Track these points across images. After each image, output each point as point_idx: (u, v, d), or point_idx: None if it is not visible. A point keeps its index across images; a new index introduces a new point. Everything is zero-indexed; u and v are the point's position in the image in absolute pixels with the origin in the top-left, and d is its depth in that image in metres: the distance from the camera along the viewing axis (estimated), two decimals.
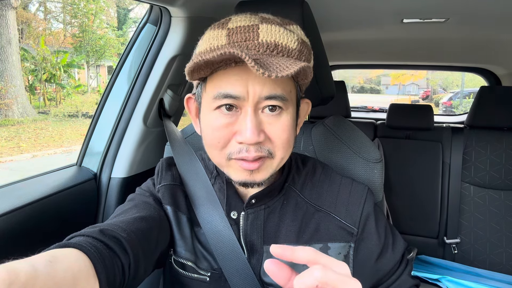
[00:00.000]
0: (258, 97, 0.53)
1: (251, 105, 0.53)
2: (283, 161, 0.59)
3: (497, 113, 1.81)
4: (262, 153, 0.55)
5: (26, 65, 11.31)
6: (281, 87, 0.54)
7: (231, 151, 0.55)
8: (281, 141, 0.56)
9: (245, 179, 0.57)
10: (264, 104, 0.54)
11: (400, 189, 1.94)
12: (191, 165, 0.73)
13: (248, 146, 0.54)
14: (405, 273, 0.65)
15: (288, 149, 0.58)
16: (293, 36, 0.55)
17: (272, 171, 0.58)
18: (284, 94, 0.54)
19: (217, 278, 0.65)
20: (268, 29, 0.54)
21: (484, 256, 1.78)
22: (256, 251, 0.64)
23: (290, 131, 0.57)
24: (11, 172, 6.14)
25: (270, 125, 0.55)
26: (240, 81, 0.53)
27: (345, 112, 2.13)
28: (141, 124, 1.09)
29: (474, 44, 1.76)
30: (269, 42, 0.53)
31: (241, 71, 0.53)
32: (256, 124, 0.53)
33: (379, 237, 0.64)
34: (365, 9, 1.18)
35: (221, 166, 0.60)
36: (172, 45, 1.06)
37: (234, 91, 0.53)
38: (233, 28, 0.55)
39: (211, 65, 0.52)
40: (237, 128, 0.54)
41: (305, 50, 0.57)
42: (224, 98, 0.53)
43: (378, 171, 0.81)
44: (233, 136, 0.55)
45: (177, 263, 0.68)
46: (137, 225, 0.57)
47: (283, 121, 0.55)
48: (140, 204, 0.64)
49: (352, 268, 0.65)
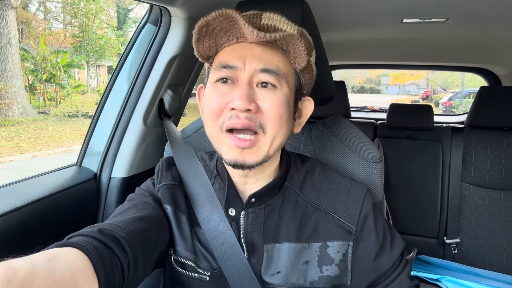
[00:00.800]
0: (254, 69, 0.56)
1: (246, 76, 0.57)
2: (275, 141, 0.58)
3: (497, 113, 1.81)
4: (252, 123, 0.56)
5: (26, 65, 11.31)
6: (276, 64, 0.57)
7: (224, 119, 0.57)
8: (273, 115, 0.57)
9: (236, 158, 0.58)
10: (258, 78, 0.57)
11: (400, 189, 1.94)
12: (191, 165, 0.73)
13: (238, 112, 0.56)
14: (404, 273, 0.65)
15: (279, 129, 0.58)
16: (294, 26, 0.57)
17: (264, 152, 0.58)
18: (278, 70, 0.57)
19: (217, 277, 0.65)
20: (270, 16, 0.59)
21: (484, 256, 1.78)
22: (256, 250, 0.64)
23: (283, 108, 0.58)
24: (11, 172, 6.14)
25: (263, 98, 0.57)
26: (239, 54, 0.57)
27: (345, 112, 2.13)
28: (141, 124, 1.09)
29: (474, 44, 1.76)
30: (270, 25, 0.58)
31: (242, 47, 0.58)
32: (248, 93, 0.56)
33: (377, 236, 0.64)
34: (365, 9, 1.18)
35: (215, 141, 0.61)
36: (172, 45, 1.06)
37: (232, 62, 0.57)
38: (243, 14, 0.59)
39: (215, 38, 0.58)
40: (231, 97, 0.57)
41: (305, 41, 0.58)
42: (223, 69, 0.58)
43: (378, 171, 0.81)
44: (227, 104, 0.57)
45: (177, 263, 0.68)
46: (136, 225, 0.57)
47: (276, 97, 0.57)
48: (139, 204, 0.65)
49: (351, 267, 0.65)
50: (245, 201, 0.65)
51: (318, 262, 0.63)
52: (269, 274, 0.64)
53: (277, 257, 0.64)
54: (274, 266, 0.63)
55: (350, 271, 0.65)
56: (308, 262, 0.64)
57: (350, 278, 0.65)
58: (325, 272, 0.63)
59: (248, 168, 0.58)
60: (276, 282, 0.63)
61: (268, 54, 0.57)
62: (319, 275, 0.63)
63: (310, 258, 0.64)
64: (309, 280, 0.63)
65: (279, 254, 0.63)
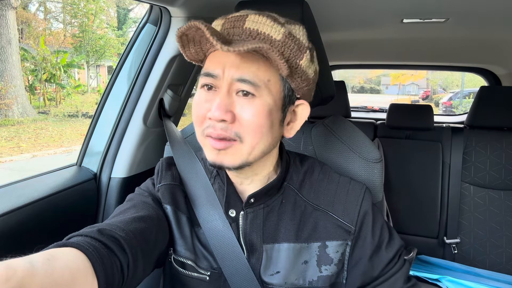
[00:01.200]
0: (231, 78, 0.56)
1: (225, 84, 0.56)
2: (255, 150, 0.58)
3: (497, 113, 1.81)
4: (227, 134, 0.56)
5: (26, 65, 11.31)
6: (254, 73, 0.56)
7: (204, 127, 0.58)
8: (251, 125, 0.56)
9: (214, 159, 0.58)
10: (236, 87, 0.56)
11: (400, 189, 1.94)
12: (190, 165, 0.73)
13: (215, 122, 0.56)
14: (399, 273, 0.64)
15: (260, 137, 0.57)
16: (280, 28, 0.56)
17: (243, 158, 0.58)
18: (256, 80, 0.55)
19: (216, 277, 0.65)
20: (254, 18, 0.57)
21: (484, 256, 1.78)
22: (255, 250, 0.64)
23: (263, 118, 0.56)
24: (11, 172, 6.13)
25: (241, 107, 0.56)
26: (219, 63, 0.57)
27: (345, 112, 2.13)
28: (141, 124, 1.09)
29: (474, 44, 1.76)
30: (252, 30, 0.56)
31: (223, 54, 0.57)
32: (225, 103, 0.55)
33: (374, 235, 0.64)
34: (365, 9, 1.18)
35: (202, 144, 0.61)
36: (172, 45, 1.06)
37: (213, 70, 0.57)
38: (229, 18, 0.59)
39: (200, 44, 0.58)
40: (211, 105, 0.57)
41: (292, 45, 0.57)
42: (206, 76, 0.58)
43: (378, 171, 0.81)
44: (207, 113, 0.57)
45: (177, 262, 0.68)
46: (135, 224, 0.57)
47: (254, 106, 0.56)
48: (138, 204, 0.65)
49: (347, 266, 0.65)
50: (244, 201, 0.65)
51: (317, 262, 0.63)
52: (268, 274, 0.64)
53: (276, 257, 0.64)
54: (273, 266, 0.63)
55: (346, 270, 0.65)
56: (307, 262, 0.64)
57: (346, 277, 0.65)
58: (324, 272, 0.63)
59: (227, 169, 0.59)
60: (275, 282, 0.63)
61: (247, 62, 0.55)
62: (318, 275, 0.63)
63: (309, 258, 0.64)
64: (308, 280, 0.63)
65: (278, 254, 0.64)
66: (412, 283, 0.65)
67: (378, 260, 0.64)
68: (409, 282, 0.65)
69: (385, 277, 0.64)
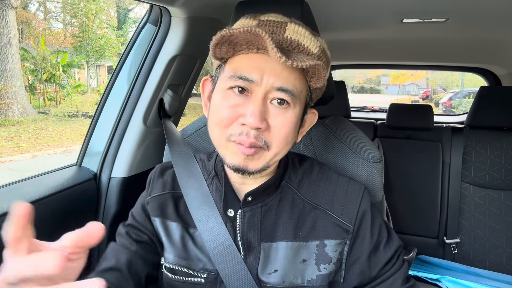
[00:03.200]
0: (271, 86, 0.55)
1: (262, 91, 0.55)
2: (277, 156, 0.59)
3: (497, 113, 1.81)
4: (258, 142, 0.56)
5: (26, 65, 11.30)
6: (293, 84, 0.56)
7: (232, 132, 0.57)
8: (280, 134, 0.57)
9: (239, 163, 0.58)
10: (273, 95, 0.56)
11: (400, 189, 1.94)
12: (188, 166, 0.73)
13: (249, 129, 0.55)
14: (398, 273, 0.64)
15: (284, 146, 0.59)
16: (317, 42, 0.58)
17: (265, 163, 0.59)
18: (295, 91, 0.56)
19: (213, 279, 0.66)
20: (295, 28, 0.58)
21: (484, 256, 1.78)
22: (253, 249, 0.64)
23: (292, 128, 0.58)
24: (11, 172, 6.13)
25: (274, 117, 0.56)
26: (257, 68, 0.55)
27: (345, 112, 2.13)
28: (141, 124, 1.09)
29: (474, 44, 1.76)
30: (293, 40, 0.57)
31: (261, 59, 0.56)
32: (262, 111, 0.55)
33: (373, 235, 0.64)
34: (365, 9, 1.18)
35: (219, 146, 0.61)
36: (172, 45, 1.06)
37: (249, 75, 0.55)
38: (264, 20, 0.59)
39: (235, 45, 0.56)
40: (243, 111, 0.56)
41: (324, 59, 0.59)
42: (238, 79, 0.56)
43: (378, 171, 0.81)
44: (238, 118, 0.56)
45: (168, 269, 0.69)
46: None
47: (288, 116, 0.57)
48: (116, 249, 0.68)
49: (345, 265, 0.65)
50: (242, 200, 0.65)
51: (316, 261, 0.63)
52: (266, 273, 0.64)
53: (274, 255, 0.64)
54: (271, 264, 0.63)
55: (344, 269, 0.65)
56: (306, 260, 0.64)
57: (343, 276, 0.65)
58: (323, 270, 0.63)
59: (248, 174, 0.59)
60: (273, 281, 0.63)
61: (287, 71, 0.56)
62: (317, 274, 0.63)
63: (308, 256, 0.64)
64: (307, 278, 0.63)
65: (276, 253, 0.64)
66: (411, 283, 0.65)
67: (376, 260, 0.64)
68: (408, 283, 0.65)
69: (383, 277, 0.64)
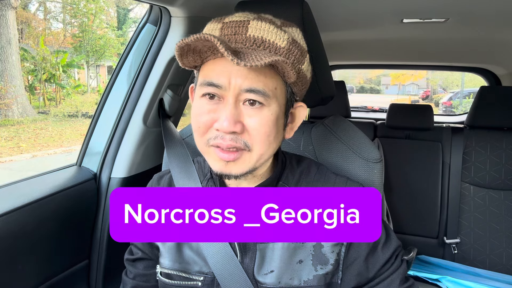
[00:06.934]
0: (239, 89, 0.54)
1: (231, 95, 0.55)
2: (263, 157, 0.58)
3: (497, 113, 1.81)
4: (237, 144, 0.55)
5: (26, 65, 11.30)
6: (263, 82, 0.55)
7: (210, 137, 0.57)
8: (260, 134, 0.56)
9: (221, 169, 0.58)
10: (244, 97, 0.55)
11: (400, 189, 1.94)
12: (184, 167, 0.74)
13: (223, 134, 0.55)
14: (396, 273, 0.64)
15: (268, 145, 0.58)
16: (283, 34, 0.56)
17: (250, 165, 0.58)
18: (266, 90, 0.55)
19: (209, 282, 0.66)
20: (257, 25, 0.56)
21: (484, 256, 1.78)
22: (249, 249, 0.64)
23: (271, 126, 0.57)
24: (11, 172, 6.13)
25: (249, 118, 0.56)
26: (224, 72, 0.55)
27: (345, 112, 2.13)
28: (141, 124, 1.09)
29: (474, 44, 1.76)
30: (256, 37, 0.55)
31: (227, 62, 0.54)
32: (234, 114, 0.54)
33: None
34: (365, 9, 1.18)
35: (203, 152, 0.61)
36: (172, 45, 1.06)
37: (217, 80, 0.55)
38: (227, 22, 0.58)
39: (199, 52, 0.56)
40: (217, 116, 0.56)
41: (296, 51, 0.57)
42: (208, 86, 0.56)
43: (378, 171, 0.81)
44: (213, 123, 0.56)
45: (163, 274, 0.69)
46: None
47: (264, 115, 0.56)
48: None
49: (342, 266, 0.65)
50: None
51: (312, 262, 0.63)
52: (262, 274, 0.64)
53: (270, 256, 0.64)
54: (267, 265, 0.63)
55: (341, 270, 0.65)
56: (302, 261, 0.63)
57: (341, 277, 0.65)
58: (320, 271, 0.63)
59: (234, 177, 0.59)
60: (269, 282, 0.63)
61: (255, 71, 0.54)
62: (314, 274, 0.63)
63: (304, 257, 0.64)
64: (303, 279, 0.63)
65: (272, 253, 0.63)
66: (409, 283, 0.65)
67: (374, 261, 0.64)
68: (406, 283, 0.64)
69: (381, 277, 0.64)
